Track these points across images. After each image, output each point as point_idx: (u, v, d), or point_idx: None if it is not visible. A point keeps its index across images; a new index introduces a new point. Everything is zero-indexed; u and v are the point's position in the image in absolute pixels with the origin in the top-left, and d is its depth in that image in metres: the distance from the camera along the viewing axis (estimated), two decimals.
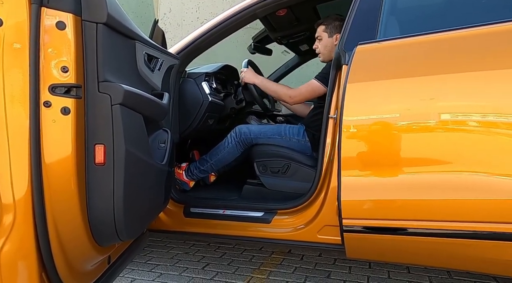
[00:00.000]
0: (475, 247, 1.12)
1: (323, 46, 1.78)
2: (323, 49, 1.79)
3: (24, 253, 0.84)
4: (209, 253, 1.98)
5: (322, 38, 1.78)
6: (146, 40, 1.16)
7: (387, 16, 1.36)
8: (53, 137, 0.84)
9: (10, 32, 0.80)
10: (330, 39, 1.77)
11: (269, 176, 1.73)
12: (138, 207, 1.09)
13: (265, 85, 1.84)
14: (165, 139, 1.34)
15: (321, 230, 1.44)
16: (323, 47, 1.78)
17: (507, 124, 1.06)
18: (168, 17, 4.42)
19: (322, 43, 1.78)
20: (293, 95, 1.74)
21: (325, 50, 1.78)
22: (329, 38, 1.77)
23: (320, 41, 1.79)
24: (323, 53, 1.79)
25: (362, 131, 1.21)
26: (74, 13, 0.84)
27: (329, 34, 1.77)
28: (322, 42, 1.78)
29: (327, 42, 1.77)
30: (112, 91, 0.91)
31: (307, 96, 1.70)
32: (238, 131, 1.78)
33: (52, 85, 0.83)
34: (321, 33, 1.78)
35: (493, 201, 1.07)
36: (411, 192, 1.15)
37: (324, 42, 1.78)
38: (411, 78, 1.18)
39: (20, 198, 0.81)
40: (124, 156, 0.93)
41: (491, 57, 1.12)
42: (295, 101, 1.75)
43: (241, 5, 1.63)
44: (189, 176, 1.86)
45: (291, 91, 1.76)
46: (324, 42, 1.77)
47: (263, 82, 1.85)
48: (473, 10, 1.31)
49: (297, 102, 1.75)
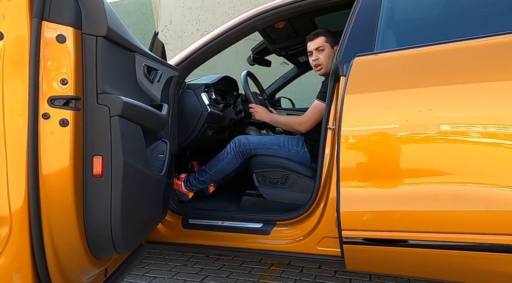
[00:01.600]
0: (477, 259, 1.11)
1: (326, 56, 1.76)
2: (326, 60, 1.76)
3: (19, 266, 0.83)
4: (207, 265, 1.96)
5: (324, 49, 1.76)
6: (145, 52, 1.17)
7: (384, 28, 1.38)
8: (51, 149, 0.84)
9: (10, 45, 0.81)
10: (333, 50, 1.76)
11: (268, 187, 1.72)
12: (136, 219, 1.08)
13: (276, 121, 1.90)
14: (164, 150, 1.34)
15: (321, 242, 1.43)
16: (326, 58, 1.76)
17: (506, 135, 1.06)
18: (168, 29, 4.49)
19: (325, 53, 1.76)
20: (303, 121, 1.73)
21: (328, 61, 1.75)
22: (332, 49, 1.77)
23: (321, 52, 1.77)
24: (326, 64, 1.76)
25: (360, 142, 1.21)
26: (75, 26, 0.85)
27: (331, 45, 1.77)
28: (324, 52, 1.76)
29: (330, 53, 1.76)
30: (110, 103, 0.91)
31: (316, 118, 1.69)
32: (237, 141, 1.78)
33: (51, 97, 0.84)
34: (323, 44, 1.76)
35: (494, 213, 1.06)
36: (411, 203, 1.15)
37: (327, 52, 1.76)
38: (408, 90, 1.18)
39: (17, 210, 0.81)
40: (122, 167, 0.93)
41: (487, 69, 1.13)
42: (307, 127, 1.73)
43: (240, 18, 1.66)
44: (188, 187, 1.85)
45: (300, 118, 1.75)
46: (328, 53, 1.76)
47: (273, 118, 1.90)
48: (468, 22, 1.33)
49: (309, 127, 1.72)
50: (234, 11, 4.17)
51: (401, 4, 1.48)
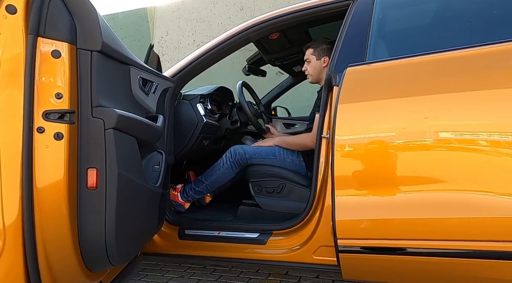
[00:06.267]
0: (476, 267, 1.10)
1: (312, 68, 1.85)
2: (312, 71, 1.85)
3: (12, 279, 0.83)
4: (204, 276, 1.94)
5: (310, 61, 1.85)
6: (140, 65, 1.19)
7: (375, 39, 1.41)
8: (46, 162, 0.85)
9: (6, 61, 0.82)
10: (318, 62, 1.83)
11: (264, 196, 1.72)
12: (131, 231, 1.08)
13: (286, 142, 1.79)
14: (160, 161, 1.35)
15: (317, 251, 1.42)
16: (312, 69, 1.85)
17: (502, 142, 1.08)
18: (165, 40, 4.53)
19: (311, 65, 1.85)
20: (313, 138, 1.65)
21: (314, 72, 1.85)
22: (317, 60, 1.83)
23: (309, 63, 1.85)
24: (312, 75, 1.86)
25: (354, 150, 1.22)
26: (70, 42, 0.87)
27: (317, 56, 1.83)
28: (310, 64, 1.85)
29: (315, 65, 1.84)
30: (105, 115, 0.92)
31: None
32: (233, 151, 1.79)
33: (46, 111, 0.85)
34: (309, 56, 1.85)
35: (492, 219, 1.06)
36: (406, 211, 1.15)
37: (312, 64, 1.84)
38: (400, 99, 1.20)
39: (10, 223, 0.81)
40: (117, 179, 0.93)
41: (480, 78, 1.15)
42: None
43: (235, 29, 1.68)
44: (184, 197, 1.85)
45: (310, 136, 1.71)
46: (313, 64, 1.84)
47: (282, 140, 1.81)
48: (458, 32, 1.36)
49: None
50: (229, 22, 4.23)
51: (391, 15, 1.51)
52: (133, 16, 4.82)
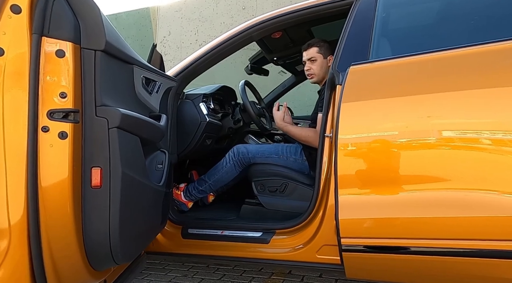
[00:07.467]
0: (479, 265, 1.10)
1: (318, 67, 1.80)
2: (319, 70, 1.81)
3: (18, 278, 0.83)
4: (208, 275, 1.94)
5: (317, 59, 1.81)
6: (143, 64, 1.19)
7: (378, 37, 1.40)
8: (50, 161, 0.85)
9: (11, 61, 0.83)
10: (325, 60, 1.80)
11: (267, 196, 1.72)
12: (135, 230, 1.09)
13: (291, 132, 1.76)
14: (163, 160, 1.35)
15: (320, 250, 1.42)
16: (318, 68, 1.80)
17: (505, 140, 1.07)
18: (167, 39, 4.54)
19: (317, 64, 1.81)
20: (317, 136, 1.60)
21: (320, 71, 1.81)
22: (324, 59, 1.81)
23: (314, 62, 1.82)
24: (318, 74, 1.81)
25: (357, 149, 1.22)
26: (74, 41, 0.87)
27: (324, 55, 1.81)
28: (317, 63, 1.81)
29: (322, 63, 1.80)
30: (109, 115, 0.93)
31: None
32: (236, 151, 1.79)
33: (50, 111, 0.85)
34: (316, 55, 1.81)
35: (496, 218, 1.06)
36: (408, 209, 1.14)
37: (319, 63, 1.81)
38: (403, 97, 1.20)
39: (16, 222, 0.82)
40: (121, 178, 0.94)
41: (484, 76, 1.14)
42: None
43: (237, 28, 1.68)
44: (187, 197, 1.85)
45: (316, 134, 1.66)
46: (320, 63, 1.81)
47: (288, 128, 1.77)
48: (461, 30, 1.35)
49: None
50: (232, 22, 4.22)
51: (394, 14, 1.51)
52: (135, 16, 4.83)
